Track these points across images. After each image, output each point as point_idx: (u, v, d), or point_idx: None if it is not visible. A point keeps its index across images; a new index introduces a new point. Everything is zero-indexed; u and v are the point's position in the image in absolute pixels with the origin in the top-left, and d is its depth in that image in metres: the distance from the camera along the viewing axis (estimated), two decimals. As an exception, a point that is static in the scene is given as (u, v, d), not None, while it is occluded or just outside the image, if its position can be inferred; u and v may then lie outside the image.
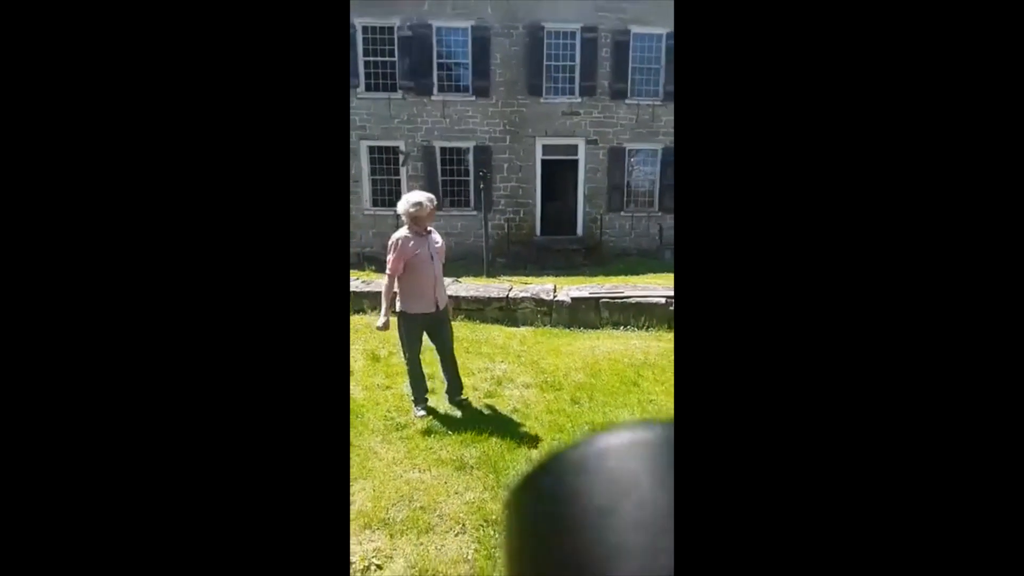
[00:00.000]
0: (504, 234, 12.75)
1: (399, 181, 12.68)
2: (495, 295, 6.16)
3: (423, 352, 3.71)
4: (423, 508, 2.71)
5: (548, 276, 9.07)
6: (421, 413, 3.68)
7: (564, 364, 4.75)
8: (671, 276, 7.82)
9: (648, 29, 12.32)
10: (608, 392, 4.18)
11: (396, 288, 3.53)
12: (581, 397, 4.07)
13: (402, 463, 3.14)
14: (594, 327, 5.87)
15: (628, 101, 12.74)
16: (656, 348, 5.17)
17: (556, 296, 6.10)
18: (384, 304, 3.56)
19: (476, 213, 11.91)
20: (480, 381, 4.35)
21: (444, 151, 12.75)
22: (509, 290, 6.31)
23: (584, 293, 6.12)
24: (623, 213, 13.22)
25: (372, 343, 5.09)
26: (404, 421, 3.63)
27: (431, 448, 3.29)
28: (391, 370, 4.50)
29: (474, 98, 12.55)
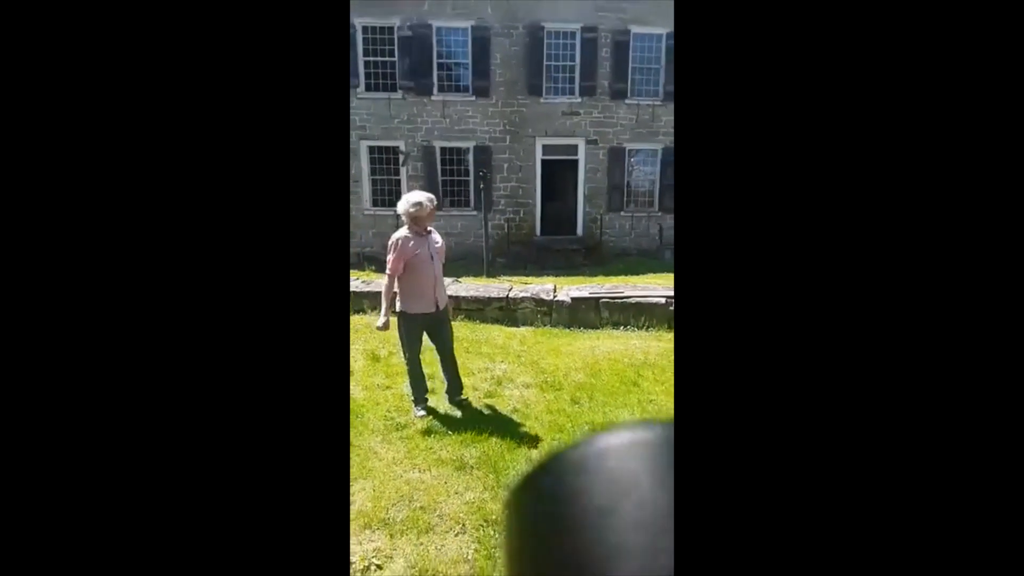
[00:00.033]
0: (504, 234, 12.75)
1: (399, 181, 12.68)
2: (495, 295, 6.16)
3: (423, 352, 3.71)
4: (423, 508, 2.71)
5: (548, 276, 9.07)
6: (421, 413, 3.68)
7: (564, 364, 4.75)
8: (671, 276, 7.82)
9: (648, 29, 12.32)
10: (608, 392, 4.18)
11: (396, 288, 3.53)
12: (581, 397, 4.07)
13: (402, 463, 3.14)
14: (594, 327, 5.87)
15: (628, 101, 12.74)
16: (656, 348, 5.17)
17: (556, 296, 6.10)
18: (384, 304, 3.56)
19: (476, 213, 11.91)
20: (480, 381, 4.35)
21: (444, 151, 12.75)
22: (509, 290, 6.31)
23: (584, 293, 6.12)
24: (623, 213, 13.22)
25: (372, 343, 5.09)
26: (404, 421, 3.63)
27: (431, 448, 3.29)
28: (391, 370, 4.50)
29: (474, 98, 12.55)
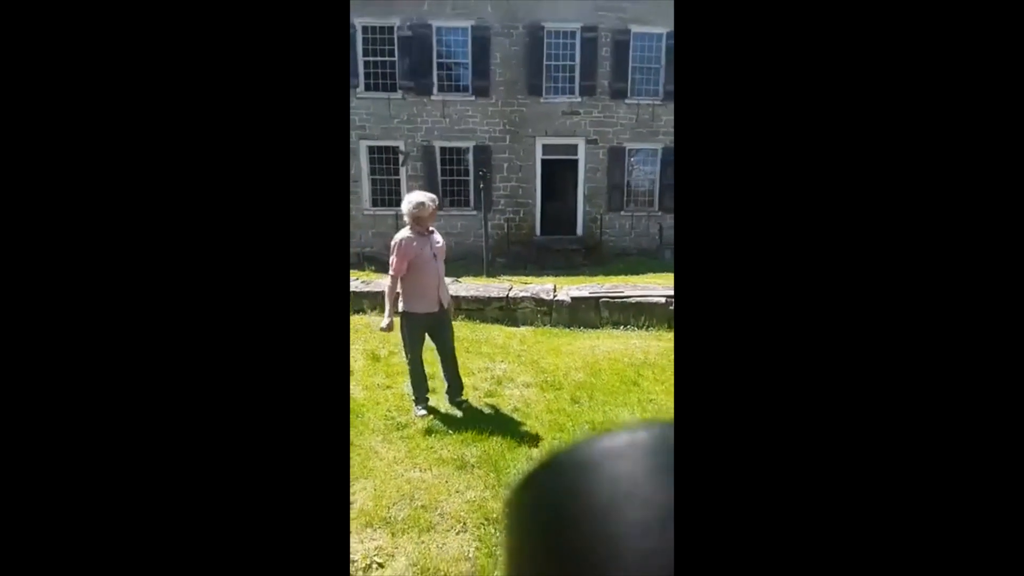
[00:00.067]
0: (504, 234, 12.75)
1: (399, 181, 12.68)
2: (495, 295, 6.16)
3: (423, 352, 3.71)
4: (424, 507, 2.71)
5: (548, 276, 9.07)
6: (422, 412, 3.68)
7: (564, 363, 4.75)
8: (671, 276, 7.82)
9: (648, 29, 12.31)
10: (608, 391, 4.18)
11: (399, 289, 3.53)
12: (581, 396, 4.07)
13: (403, 462, 3.14)
14: (594, 327, 5.87)
15: (628, 101, 12.73)
16: (656, 348, 5.17)
17: (556, 296, 6.10)
18: (388, 305, 3.56)
19: (476, 213, 11.90)
20: (480, 381, 4.35)
21: (444, 151, 12.75)
22: (509, 290, 6.31)
23: (584, 293, 6.12)
24: (623, 213, 13.22)
25: (372, 343, 5.09)
26: (405, 421, 3.63)
27: (432, 447, 3.29)
28: (391, 370, 4.50)
29: (474, 98, 12.54)
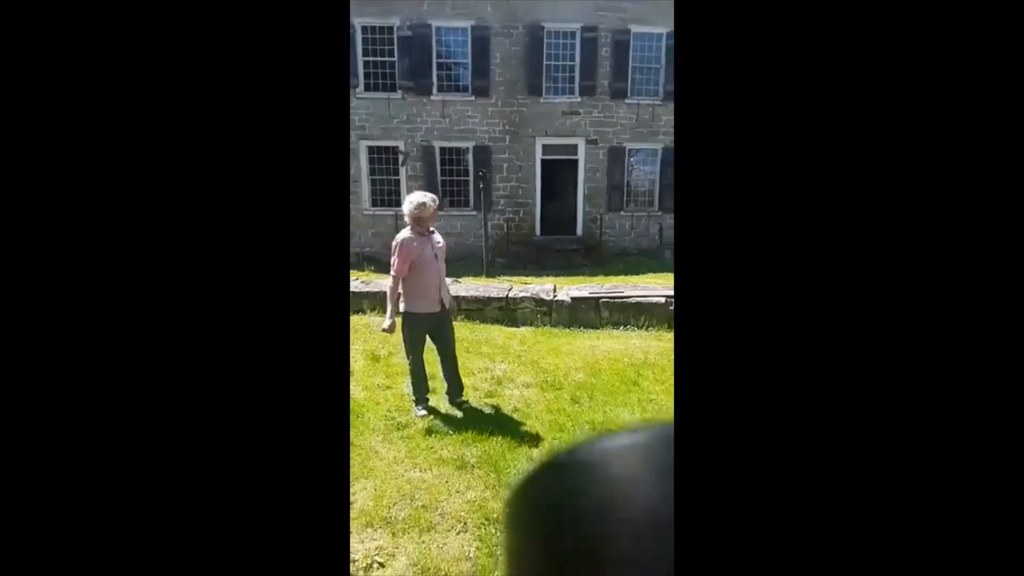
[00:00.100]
0: (504, 234, 12.75)
1: (398, 181, 12.68)
2: (495, 295, 6.16)
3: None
4: (425, 507, 2.71)
5: (548, 276, 9.07)
6: (422, 413, 3.68)
7: (564, 364, 4.75)
8: (671, 276, 7.82)
9: (648, 29, 12.31)
10: (608, 391, 4.18)
11: (400, 289, 3.53)
12: (581, 396, 4.07)
13: (403, 462, 3.14)
14: (594, 327, 5.87)
15: (628, 101, 12.73)
16: (656, 348, 5.17)
17: (556, 296, 6.10)
18: (390, 306, 3.56)
19: (476, 213, 11.90)
20: (480, 381, 4.35)
21: (444, 151, 12.75)
22: (509, 290, 6.31)
23: (584, 293, 6.12)
24: (623, 213, 13.22)
25: (372, 343, 5.09)
26: (405, 421, 3.63)
27: (432, 447, 3.29)
28: (391, 370, 4.50)
29: (474, 98, 12.55)
